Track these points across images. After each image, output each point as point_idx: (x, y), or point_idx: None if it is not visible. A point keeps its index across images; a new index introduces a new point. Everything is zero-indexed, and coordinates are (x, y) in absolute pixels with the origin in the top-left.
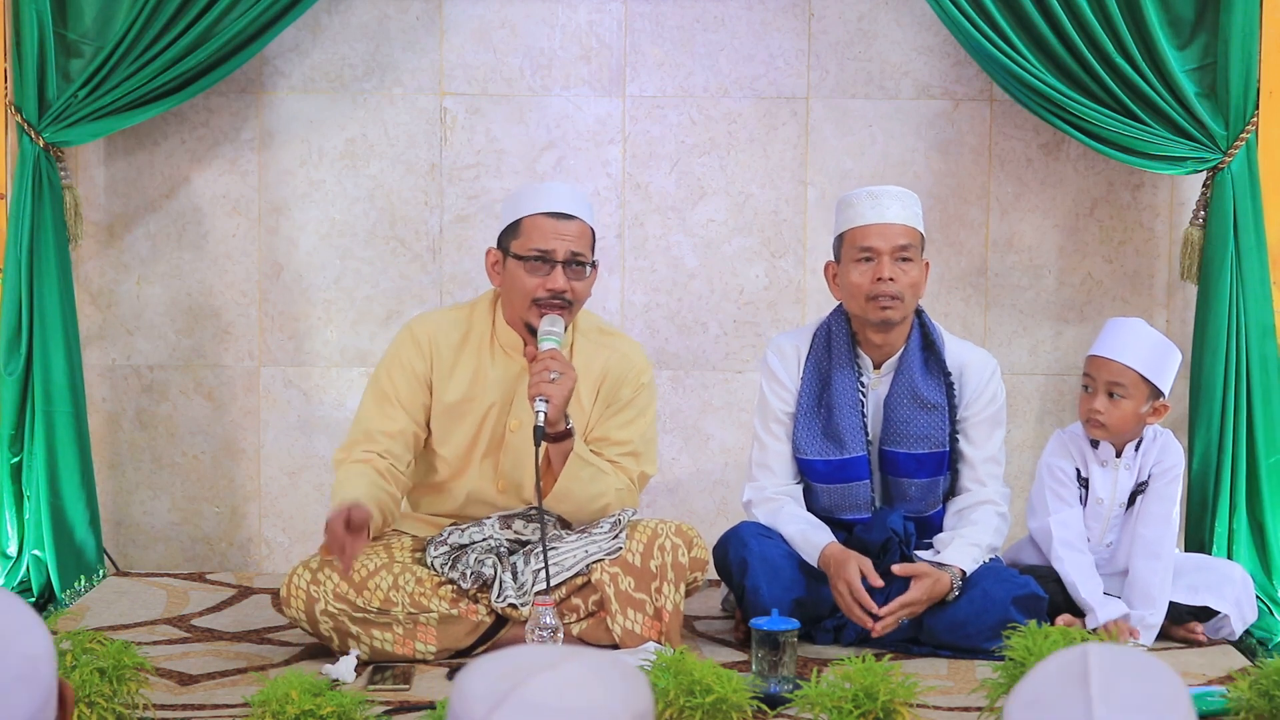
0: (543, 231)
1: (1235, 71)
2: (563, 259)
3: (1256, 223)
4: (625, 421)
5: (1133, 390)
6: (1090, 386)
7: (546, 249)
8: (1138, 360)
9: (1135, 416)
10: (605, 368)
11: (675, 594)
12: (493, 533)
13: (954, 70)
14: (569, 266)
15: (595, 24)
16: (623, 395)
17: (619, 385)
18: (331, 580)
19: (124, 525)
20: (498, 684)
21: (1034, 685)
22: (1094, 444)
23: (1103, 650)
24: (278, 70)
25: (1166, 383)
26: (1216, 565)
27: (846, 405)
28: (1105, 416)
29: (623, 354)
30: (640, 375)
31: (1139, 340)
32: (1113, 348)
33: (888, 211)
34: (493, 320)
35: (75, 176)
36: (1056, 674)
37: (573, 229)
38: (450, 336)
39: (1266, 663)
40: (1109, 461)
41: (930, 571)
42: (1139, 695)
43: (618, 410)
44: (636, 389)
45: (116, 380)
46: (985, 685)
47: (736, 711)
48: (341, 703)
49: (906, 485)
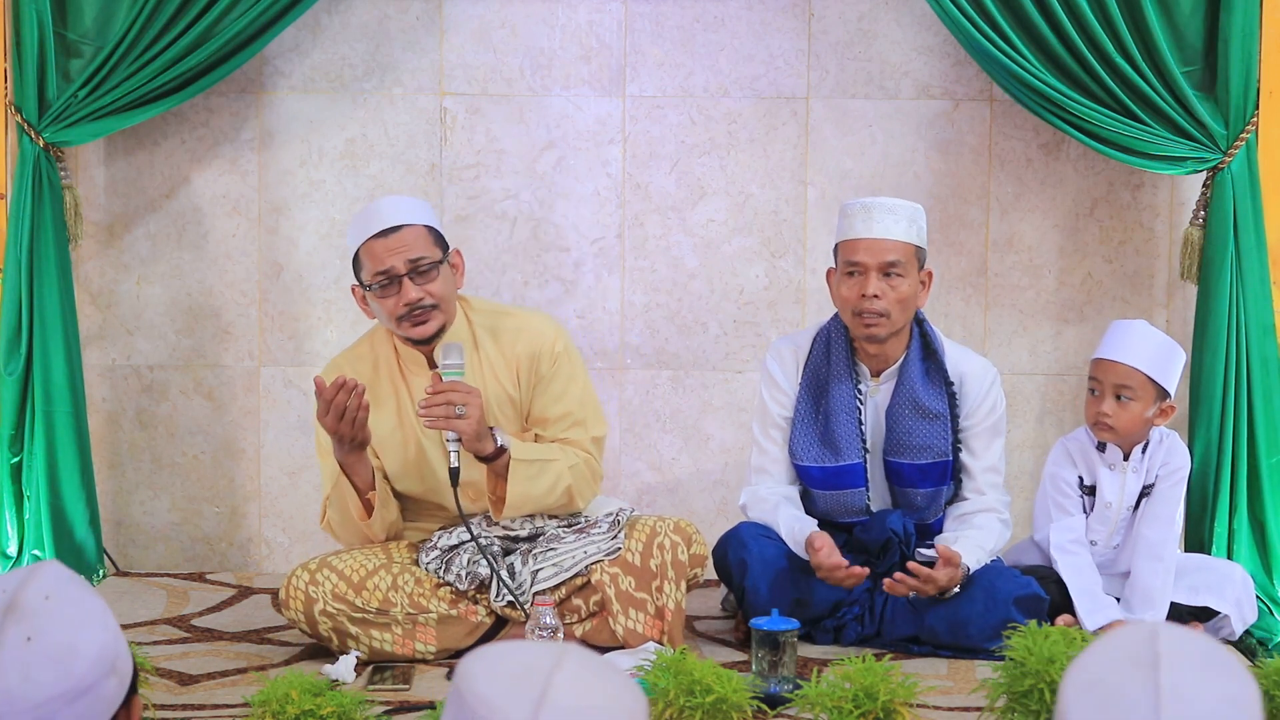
0: (375, 255)
1: (1235, 71)
2: (404, 271)
3: (1256, 223)
4: (557, 395)
5: (1140, 392)
6: (1097, 390)
7: (384, 269)
8: (1144, 362)
9: (1143, 419)
10: (515, 351)
11: (676, 592)
12: (481, 531)
13: (954, 70)
14: (414, 275)
15: (595, 24)
16: (542, 370)
17: (536, 362)
18: (330, 581)
19: (124, 525)
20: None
21: (1096, 665)
22: (1101, 448)
23: (1172, 635)
24: (278, 70)
25: (1173, 383)
26: (1217, 566)
27: (843, 413)
28: (1114, 419)
29: (529, 330)
30: (554, 345)
31: (1145, 342)
32: (1119, 350)
33: (877, 226)
34: (394, 346)
35: (75, 176)
36: (1122, 657)
37: (403, 239)
38: (361, 371)
39: (1266, 663)
40: (1117, 465)
41: (958, 565)
42: (1211, 691)
43: (546, 386)
44: (554, 359)
45: (116, 380)
46: (985, 685)
47: (736, 711)
48: (341, 703)
49: (912, 495)
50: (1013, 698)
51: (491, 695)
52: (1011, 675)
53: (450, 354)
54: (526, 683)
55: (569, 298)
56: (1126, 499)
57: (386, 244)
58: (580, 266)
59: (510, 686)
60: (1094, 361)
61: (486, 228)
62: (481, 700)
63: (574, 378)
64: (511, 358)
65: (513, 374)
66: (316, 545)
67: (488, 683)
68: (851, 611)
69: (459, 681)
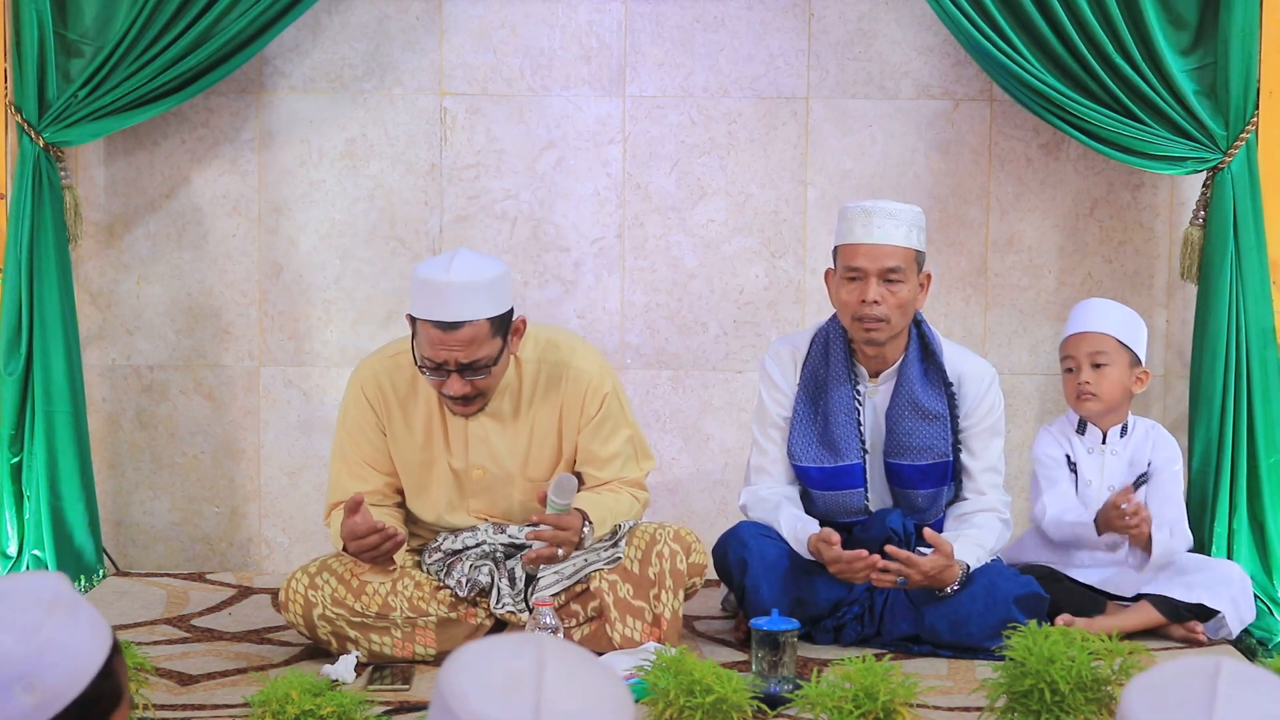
0: (431, 341)
1: (1235, 71)
2: (455, 369)
3: (1256, 223)
4: (606, 437)
5: (1115, 356)
6: (1073, 366)
7: (437, 362)
8: (1112, 327)
9: (1122, 385)
10: (560, 397)
11: (674, 600)
12: (486, 538)
13: (954, 70)
14: (464, 372)
15: (595, 24)
16: (589, 411)
17: (581, 405)
18: (329, 585)
19: (124, 525)
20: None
21: (1159, 673)
22: (1081, 430)
23: (1237, 663)
24: (278, 70)
25: (1142, 349)
26: (1215, 565)
27: (842, 413)
28: (1095, 386)
29: (575, 373)
30: (601, 387)
31: (1107, 311)
32: (1085, 322)
33: (878, 231)
34: None
35: (75, 176)
36: (1185, 669)
37: (462, 338)
38: (398, 384)
39: (1266, 662)
40: (1095, 448)
41: (951, 554)
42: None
43: (595, 429)
44: (601, 401)
45: (116, 380)
46: (985, 685)
47: (736, 711)
48: (341, 703)
49: (913, 496)
50: (1013, 698)
51: (488, 713)
52: (1012, 675)
53: (563, 491)
54: (518, 693)
55: (569, 298)
56: (1107, 479)
57: (444, 338)
58: (580, 266)
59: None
60: (1063, 342)
61: (486, 228)
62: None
63: (622, 417)
64: (556, 403)
65: (556, 418)
66: (316, 545)
67: (481, 700)
68: (851, 611)
69: (449, 701)
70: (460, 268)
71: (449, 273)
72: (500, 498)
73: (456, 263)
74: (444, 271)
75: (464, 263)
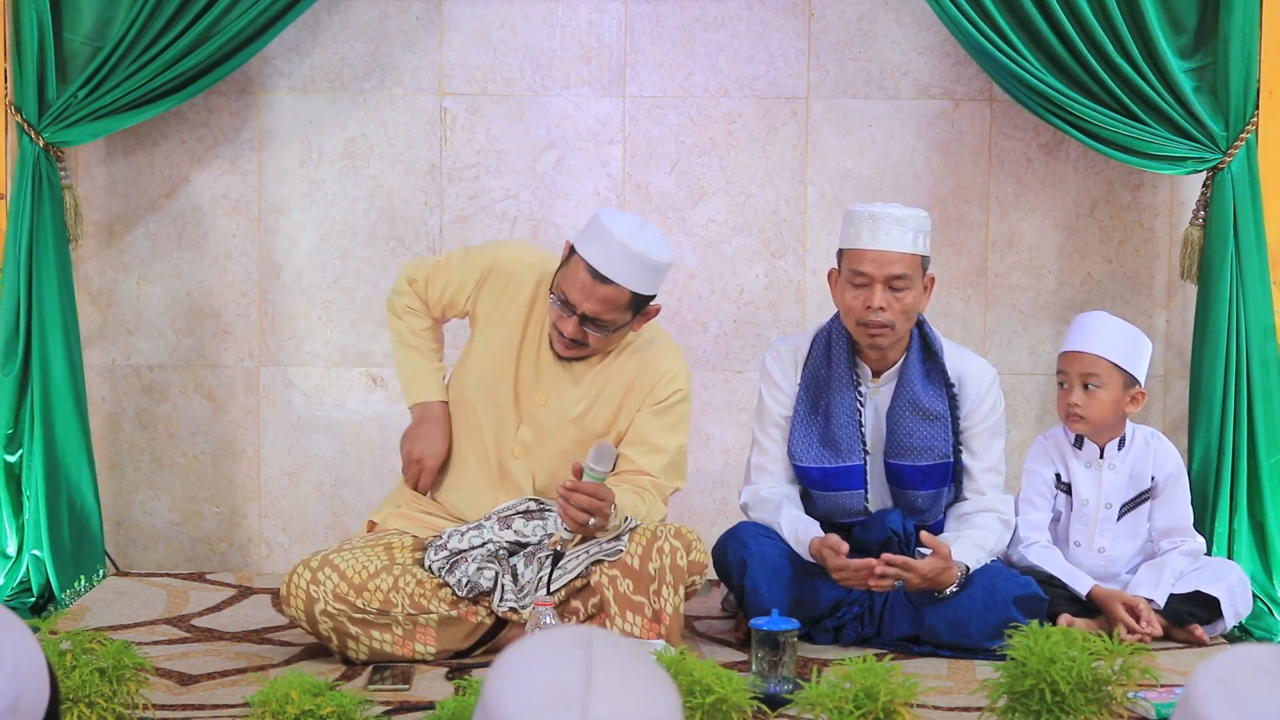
0: (577, 283)
1: (1235, 71)
2: (580, 313)
3: (1256, 223)
4: (668, 426)
5: (1107, 379)
6: (1065, 383)
7: (570, 300)
8: (1108, 349)
9: (1113, 407)
10: (636, 374)
11: (674, 597)
12: (492, 535)
13: (954, 70)
14: (585, 321)
15: (595, 24)
16: (659, 394)
17: (653, 386)
18: (331, 580)
19: (124, 525)
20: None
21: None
22: (1078, 444)
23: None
24: (278, 70)
25: (1140, 370)
26: (1213, 564)
27: (844, 413)
28: (1083, 409)
29: (655, 356)
30: (677, 380)
31: (1107, 330)
32: (1082, 340)
33: (884, 238)
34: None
35: (75, 176)
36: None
37: (603, 294)
38: (524, 284)
39: None
40: (1093, 463)
41: (948, 556)
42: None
43: (658, 414)
44: (673, 392)
45: (116, 380)
46: (985, 685)
47: (736, 711)
48: (341, 703)
49: (914, 497)
50: (1013, 698)
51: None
52: (1012, 675)
53: (603, 458)
54: (563, 710)
55: None
56: (1104, 496)
57: (590, 285)
58: None
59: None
60: (1060, 355)
61: (486, 228)
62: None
63: (683, 423)
64: (631, 374)
65: (625, 388)
66: (316, 545)
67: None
68: (851, 611)
69: (492, 713)
70: (641, 239)
71: (630, 237)
72: (547, 437)
73: (642, 233)
74: (625, 233)
75: (647, 236)
